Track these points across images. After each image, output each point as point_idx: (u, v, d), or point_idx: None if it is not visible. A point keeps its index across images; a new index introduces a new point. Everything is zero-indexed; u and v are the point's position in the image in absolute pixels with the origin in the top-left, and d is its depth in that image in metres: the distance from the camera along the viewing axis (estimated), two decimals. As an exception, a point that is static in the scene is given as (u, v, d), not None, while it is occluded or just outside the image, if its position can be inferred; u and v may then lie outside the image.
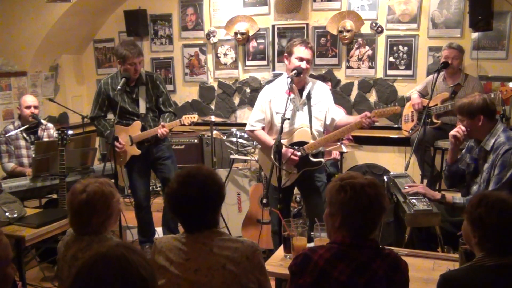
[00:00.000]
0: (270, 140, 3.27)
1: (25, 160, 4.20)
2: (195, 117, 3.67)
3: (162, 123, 3.70)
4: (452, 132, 2.94)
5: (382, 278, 1.60)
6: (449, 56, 4.10)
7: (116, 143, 3.71)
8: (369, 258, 1.63)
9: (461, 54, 4.16)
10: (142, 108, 3.79)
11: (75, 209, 1.97)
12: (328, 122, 3.36)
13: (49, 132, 4.35)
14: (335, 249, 1.65)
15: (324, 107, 3.34)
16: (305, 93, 3.28)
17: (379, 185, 1.70)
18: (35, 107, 4.20)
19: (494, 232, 1.63)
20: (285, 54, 3.29)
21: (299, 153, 3.19)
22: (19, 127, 4.19)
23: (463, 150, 3.18)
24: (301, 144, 3.24)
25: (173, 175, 1.87)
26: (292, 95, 3.24)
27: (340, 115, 3.39)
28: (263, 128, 3.41)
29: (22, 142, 4.21)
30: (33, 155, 4.08)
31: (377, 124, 4.85)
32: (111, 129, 3.68)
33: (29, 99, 4.23)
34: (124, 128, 3.81)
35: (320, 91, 3.36)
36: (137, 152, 3.80)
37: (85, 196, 1.96)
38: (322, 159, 3.28)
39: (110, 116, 3.98)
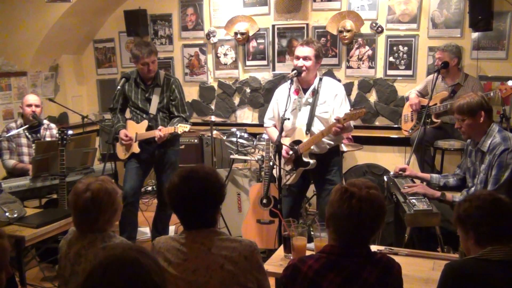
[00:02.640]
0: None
1: (26, 158, 4.20)
2: (187, 127, 3.68)
3: (160, 127, 3.72)
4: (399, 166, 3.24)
5: (374, 285, 1.59)
6: (442, 58, 4.11)
7: (122, 136, 3.79)
8: (360, 266, 1.60)
9: (452, 55, 4.13)
10: (153, 109, 3.82)
11: (81, 209, 1.97)
12: (330, 123, 3.29)
13: (52, 132, 4.35)
14: (324, 259, 1.63)
15: (329, 108, 3.29)
16: (308, 92, 3.29)
17: (373, 202, 1.61)
18: (36, 106, 4.21)
19: (483, 214, 1.69)
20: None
21: (291, 152, 3.21)
22: (21, 126, 4.20)
23: (462, 157, 3.20)
24: (298, 143, 3.26)
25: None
26: (296, 95, 3.27)
27: None
28: (275, 126, 3.49)
29: (23, 140, 4.22)
30: (34, 154, 4.09)
31: (377, 124, 4.95)
32: (116, 126, 3.76)
33: (31, 98, 4.24)
34: (134, 125, 3.88)
35: (329, 91, 3.30)
36: (137, 150, 3.83)
37: (89, 194, 1.96)
38: (311, 161, 3.24)
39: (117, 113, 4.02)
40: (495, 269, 1.62)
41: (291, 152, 3.24)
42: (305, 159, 3.24)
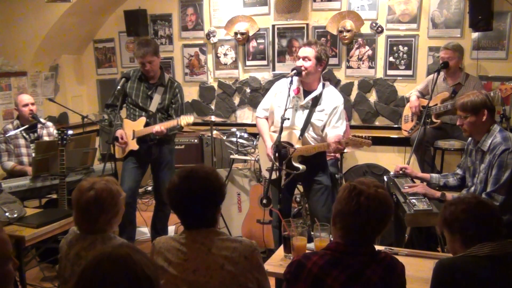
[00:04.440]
0: (265, 133, 3.35)
1: (25, 159, 4.20)
2: (191, 118, 3.68)
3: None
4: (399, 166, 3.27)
5: (378, 284, 1.60)
6: (444, 57, 4.11)
7: (119, 140, 3.78)
8: (364, 264, 1.61)
9: (457, 53, 4.14)
10: (153, 106, 3.84)
11: (83, 207, 1.98)
12: (323, 134, 3.24)
13: (49, 130, 4.34)
14: (329, 255, 1.64)
15: (325, 117, 3.22)
16: (309, 98, 3.24)
17: (382, 201, 1.62)
18: (32, 104, 4.21)
19: (466, 217, 1.75)
20: None
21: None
22: (18, 127, 4.19)
23: (462, 157, 3.20)
24: (287, 144, 3.24)
25: (166, 184, 1.88)
26: (294, 95, 3.24)
27: (333, 134, 3.13)
28: (267, 118, 3.44)
29: (21, 141, 4.21)
30: (33, 154, 4.08)
31: (377, 124, 4.95)
32: (116, 124, 3.74)
33: (25, 98, 4.23)
34: (131, 123, 3.88)
35: (329, 101, 3.22)
36: (135, 146, 3.82)
37: (93, 193, 1.96)
38: (300, 166, 3.19)
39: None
40: (483, 264, 1.66)
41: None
42: (295, 164, 3.20)
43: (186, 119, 3.65)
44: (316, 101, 3.23)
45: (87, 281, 1.14)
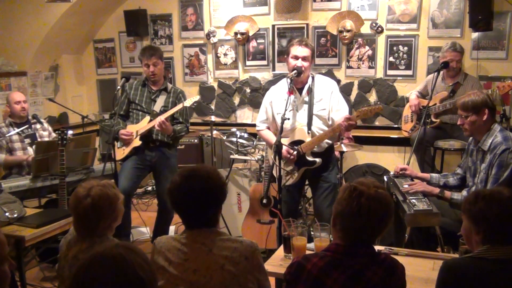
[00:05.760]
0: (273, 139, 3.33)
1: (19, 153, 4.20)
2: (197, 97, 3.77)
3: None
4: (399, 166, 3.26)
5: (378, 285, 1.60)
6: (454, 59, 4.09)
7: (123, 132, 3.81)
8: (364, 265, 1.61)
9: (462, 55, 4.17)
10: (157, 108, 3.89)
11: (81, 215, 1.95)
12: (330, 122, 3.29)
13: (43, 125, 4.38)
14: (329, 257, 1.64)
15: (327, 105, 3.27)
16: (303, 92, 3.28)
17: (382, 202, 1.62)
18: (25, 102, 4.24)
19: (498, 222, 1.65)
20: (285, 55, 3.36)
21: (294, 152, 3.21)
22: (11, 124, 4.22)
23: (463, 157, 3.20)
24: (299, 143, 3.25)
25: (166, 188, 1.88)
26: (292, 96, 3.25)
27: (340, 116, 3.20)
28: (269, 128, 3.48)
29: (15, 136, 4.20)
30: (28, 148, 4.09)
31: (377, 124, 4.95)
32: (116, 127, 3.75)
33: (17, 95, 4.27)
34: (134, 126, 3.90)
35: (323, 88, 3.28)
36: (138, 143, 3.82)
37: (90, 200, 1.93)
38: (316, 159, 3.24)
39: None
40: (491, 267, 1.63)
41: (295, 152, 3.22)
42: (310, 159, 3.24)
43: (191, 100, 3.71)
44: (311, 92, 3.27)
45: (80, 282, 1.14)
